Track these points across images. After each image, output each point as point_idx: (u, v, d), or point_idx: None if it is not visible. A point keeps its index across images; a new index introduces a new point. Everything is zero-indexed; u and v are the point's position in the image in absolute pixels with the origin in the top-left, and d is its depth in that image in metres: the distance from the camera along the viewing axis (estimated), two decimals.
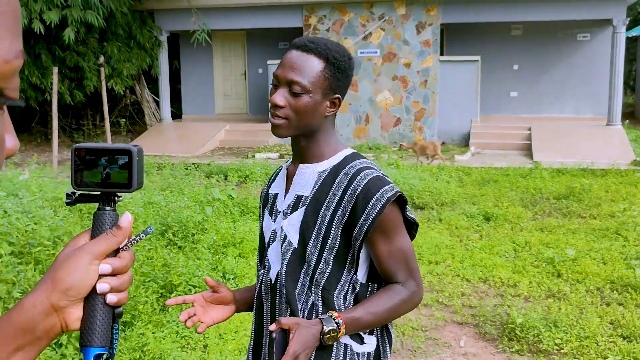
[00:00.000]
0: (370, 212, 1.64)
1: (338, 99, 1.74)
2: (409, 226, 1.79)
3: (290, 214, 1.77)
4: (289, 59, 1.69)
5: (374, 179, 1.67)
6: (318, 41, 1.72)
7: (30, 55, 13.75)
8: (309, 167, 1.78)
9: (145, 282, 4.64)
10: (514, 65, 15.63)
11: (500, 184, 9.60)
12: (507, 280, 5.51)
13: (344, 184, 1.69)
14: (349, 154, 1.79)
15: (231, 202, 7.60)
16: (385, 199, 1.64)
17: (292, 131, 1.71)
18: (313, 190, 1.75)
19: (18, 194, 6.48)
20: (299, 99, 1.67)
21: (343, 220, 1.68)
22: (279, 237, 1.79)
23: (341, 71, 1.71)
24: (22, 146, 15.24)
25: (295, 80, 1.66)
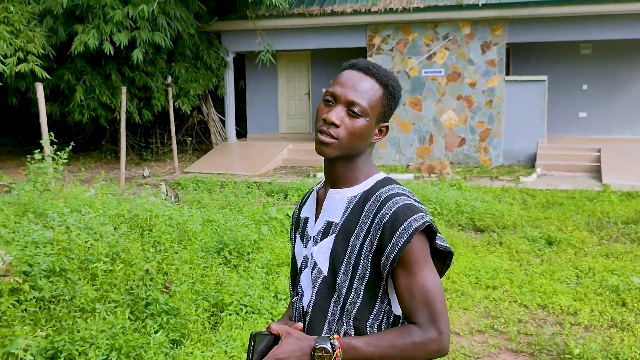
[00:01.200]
0: (397, 241, 1.57)
1: (386, 127, 1.73)
2: (443, 256, 1.72)
3: (321, 241, 1.72)
4: (350, 78, 1.66)
5: (403, 207, 1.60)
6: (379, 67, 1.70)
7: (100, 75, 14.26)
8: (339, 192, 1.73)
9: (196, 300, 4.68)
10: (583, 85, 15.18)
11: (566, 207, 9.29)
12: (567, 308, 5.30)
13: (373, 211, 1.63)
14: (380, 179, 1.73)
15: (288, 222, 7.62)
16: (412, 229, 1.57)
17: (339, 152, 1.65)
18: (343, 217, 1.69)
19: (81, 210, 6.67)
20: (356, 120, 1.64)
21: (372, 250, 1.62)
22: (309, 263, 1.75)
23: (394, 100, 1.70)
24: (92, 163, 15.78)
25: (356, 102, 1.63)
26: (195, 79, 15.21)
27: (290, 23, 15.03)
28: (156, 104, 14.67)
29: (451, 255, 1.72)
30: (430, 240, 1.65)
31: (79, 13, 12.98)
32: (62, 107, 14.75)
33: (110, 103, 14.31)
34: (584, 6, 12.91)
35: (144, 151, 16.69)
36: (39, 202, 7.05)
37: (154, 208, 7.11)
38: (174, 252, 5.72)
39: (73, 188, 8.30)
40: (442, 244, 1.67)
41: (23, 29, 12.61)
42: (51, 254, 5.03)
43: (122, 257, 5.38)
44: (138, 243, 6.06)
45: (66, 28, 13.22)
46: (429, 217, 1.62)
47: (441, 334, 1.57)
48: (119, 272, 5.02)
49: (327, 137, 1.64)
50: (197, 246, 6.03)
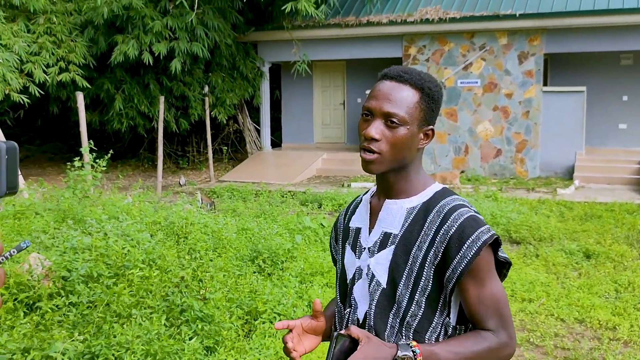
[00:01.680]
0: (465, 254, 1.55)
1: (432, 130, 1.69)
2: (501, 266, 1.70)
3: (378, 252, 1.69)
4: (384, 90, 1.63)
5: (469, 219, 1.59)
6: (411, 71, 1.66)
7: (139, 85, 14.50)
8: (396, 202, 1.69)
9: (230, 308, 4.71)
10: (624, 96, 14.91)
11: (604, 220, 9.12)
12: (606, 323, 5.20)
13: (436, 223, 1.61)
14: (439, 190, 1.70)
15: (322, 231, 7.63)
16: (481, 242, 1.56)
17: (385, 166, 1.64)
18: (403, 229, 1.66)
19: (118, 217, 6.77)
20: (396, 131, 1.61)
21: (435, 262, 1.60)
22: (365, 275, 1.71)
23: (435, 101, 1.66)
24: (129, 171, 16.02)
25: (393, 112, 1.60)
26: (231, 88, 15.36)
27: (326, 33, 15.09)
28: (193, 114, 14.86)
29: (509, 265, 1.72)
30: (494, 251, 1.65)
31: (119, 24, 13.23)
32: (102, 116, 15.03)
33: (148, 112, 14.53)
34: (624, 16, 12.72)
35: (180, 160, 16.89)
36: (78, 208, 7.18)
37: (189, 216, 7.19)
38: (208, 259, 5.77)
39: (111, 195, 8.44)
40: (502, 255, 1.67)
41: (65, 39, 12.90)
42: (89, 260, 5.12)
43: (158, 264, 5.45)
44: (174, 250, 6.13)
45: (106, 38, 13.48)
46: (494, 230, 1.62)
47: (511, 338, 1.63)
48: (154, 279, 5.08)
49: (369, 153, 1.62)
50: (232, 254, 6.07)
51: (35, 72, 12.25)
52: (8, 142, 0.79)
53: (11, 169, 0.77)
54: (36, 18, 12.87)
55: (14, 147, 0.78)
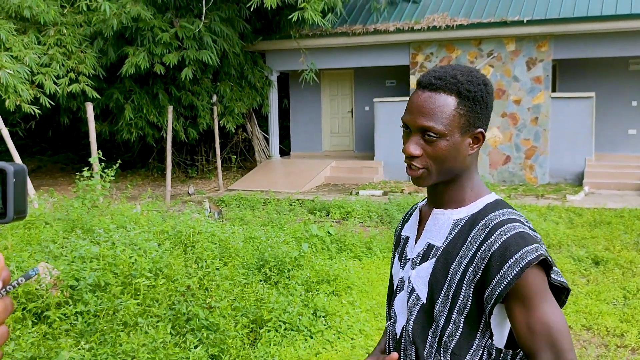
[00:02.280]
0: (505, 274, 1.40)
1: (481, 133, 1.54)
2: (558, 291, 1.53)
3: (420, 264, 1.59)
4: (417, 102, 1.51)
5: (516, 235, 1.42)
6: (445, 74, 1.52)
7: (148, 95, 14.60)
8: (444, 212, 1.59)
9: (235, 316, 4.72)
10: (633, 102, 14.85)
11: (614, 226, 9.08)
12: (614, 330, 5.18)
13: (480, 238, 1.47)
14: (491, 202, 1.56)
15: (329, 239, 7.64)
16: (525, 262, 1.39)
17: (434, 179, 1.53)
18: (446, 241, 1.55)
19: (126, 226, 6.81)
20: (435, 145, 1.49)
21: (475, 279, 1.46)
22: (406, 287, 1.62)
23: (478, 102, 1.51)
24: (139, 180, 16.10)
25: (428, 126, 1.49)
26: (239, 97, 15.43)
27: (334, 42, 15.14)
28: (201, 123, 14.93)
29: (567, 291, 1.54)
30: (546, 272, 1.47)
31: (128, 35, 13.34)
32: (111, 126, 15.13)
33: (157, 122, 14.62)
34: (632, 21, 12.68)
35: (189, 169, 16.96)
36: (87, 218, 7.23)
37: (196, 225, 7.22)
38: (215, 268, 5.79)
39: (120, 205, 8.49)
40: (557, 279, 1.48)
41: (75, 51, 13.02)
42: (97, 269, 5.16)
43: (165, 273, 5.48)
44: (181, 259, 6.16)
45: (116, 49, 13.59)
46: (544, 249, 1.43)
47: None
48: (161, 288, 5.11)
49: (413, 170, 1.53)
50: (238, 263, 6.09)
51: (46, 83, 12.36)
52: (16, 164, 0.74)
53: (19, 193, 0.74)
54: (46, 30, 13.00)
55: (22, 170, 0.73)
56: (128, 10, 12.61)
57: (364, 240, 7.86)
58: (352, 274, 6.36)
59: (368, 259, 7.34)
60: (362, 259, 7.34)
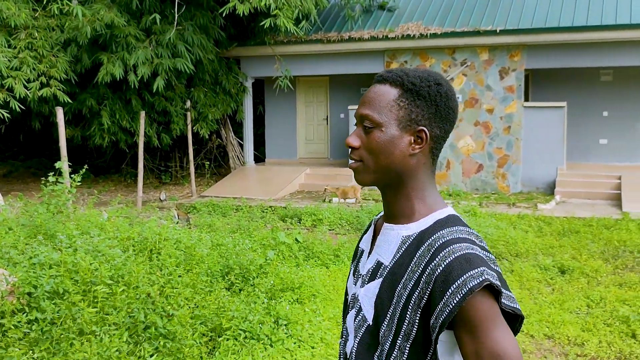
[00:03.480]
0: (448, 301, 1.28)
1: (423, 131, 1.42)
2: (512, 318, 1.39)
3: (368, 283, 1.49)
4: (365, 94, 1.47)
5: (460, 258, 1.30)
6: (398, 70, 1.46)
7: (121, 100, 14.48)
8: (394, 228, 1.48)
9: (194, 325, 4.66)
10: (604, 112, 15.01)
11: (582, 235, 9.14)
12: (575, 339, 5.19)
13: (425, 259, 1.36)
14: (441, 218, 1.43)
15: (297, 246, 7.60)
16: (467, 288, 1.26)
17: (371, 175, 1.45)
18: (393, 260, 1.44)
19: (90, 232, 6.71)
20: (371, 135, 1.42)
21: (421, 305, 1.34)
22: (356, 305, 1.52)
23: (423, 97, 1.42)
24: (112, 186, 15.95)
25: (365, 114, 1.43)
26: (214, 103, 15.35)
27: (309, 49, 15.14)
28: (175, 128, 14.83)
29: (521, 319, 1.40)
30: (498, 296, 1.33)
31: (102, 42, 13.22)
32: (84, 131, 14.97)
33: (130, 127, 14.50)
34: (604, 32, 12.84)
35: (163, 175, 16.83)
36: (51, 224, 7.12)
37: (163, 231, 7.14)
38: (177, 275, 5.72)
39: (86, 211, 8.38)
40: (509, 305, 1.34)
41: (47, 55, 12.87)
42: (55, 276, 5.07)
43: (126, 280, 5.40)
44: (146, 266, 6.08)
45: (90, 55, 13.46)
46: (492, 273, 1.30)
47: None
48: (120, 295, 5.03)
49: (351, 162, 1.47)
50: (202, 270, 6.02)
51: (16, 87, 12.20)
52: None
53: None
54: (17, 33, 12.84)
55: None
56: (102, 17, 12.50)
57: (333, 247, 7.83)
58: (317, 281, 6.32)
59: (335, 267, 7.30)
60: (330, 267, 7.30)
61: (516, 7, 14.16)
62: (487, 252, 1.39)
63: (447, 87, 1.45)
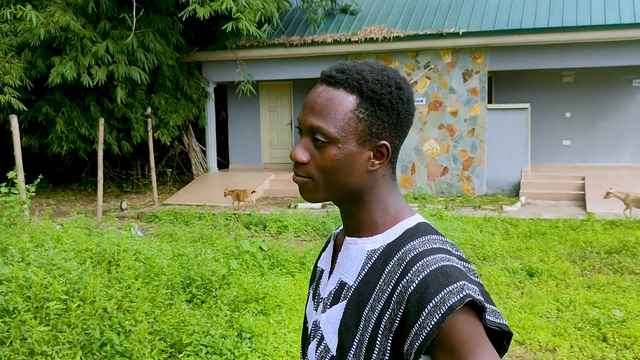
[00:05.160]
0: (424, 323, 1.10)
1: (384, 146, 1.24)
2: (500, 335, 1.21)
3: (330, 307, 1.30)
4: (311, 97, 1.24)
5: (436, 272, 1.13)
6: (350, 68, 1.24)
7: (79, 107, 14.10)
8: (357, 242, 1.29)
9: (152, 341, 4.43)
10: (566, 113, 15.13)
11: (549, 237, 9.11)
12: (546, 344, 5.09)
13: (396, 275, 1.18)
14: (411, 227, 1.26)
15: (261, 255, 7.40)
16: (446, 307, 1.09)
17: (323, 194, 1.25)
18: (358, 278, 1.26)
19: (44, 245, 6.42)
20: (324, 151, 1.21)
21: (392, 329, 1.16)
22: (317, 334, 1.33)
23: (384, 107, 1.22)
24: (71, 195, 15.52)
25: (317, 126, 1.21)
26: (175, 109, 15.05)
27: (271, 53, 14.95)
28: (135, 135, 14.49)
29: (509, 336, 1.21)
30: (481, 313, 1.15)
31: (57, 45, 12.84)
32: (41, 140, 14.54)
33: (89, 135, 14.11)
34: (566, 34, 12.91)
35: (124, 183, 16.45)
36: (3, 237, 6.80)
37: (122, 242, 6.88)
38: (136, 288, 5.48)
39: (41, 222, 8.06)
40: (494, 321, 1.16)
41: (0, 61, 12.45)
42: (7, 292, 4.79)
43: (82, 295, 5.14)
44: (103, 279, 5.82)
45: (44, 60, 13.06)
46: (474, 287, 1.13)
47: None
48: (76, 311, 4.78)
49: (298, 178, 1.26)
50: (162, 282, 5.79)
51: None
52: None
53: None
54: None
55: None
56: (56, 20, 12.14)
57: (298, 255, 7.64)
58: (282, 291, 6.12)
59: (301, 275, 7.11)
60: (295, 275, 7.11)
61: (478, 9, 14.18)
62: (465, 262, 1.21)
63: (408, 91, 1.26)
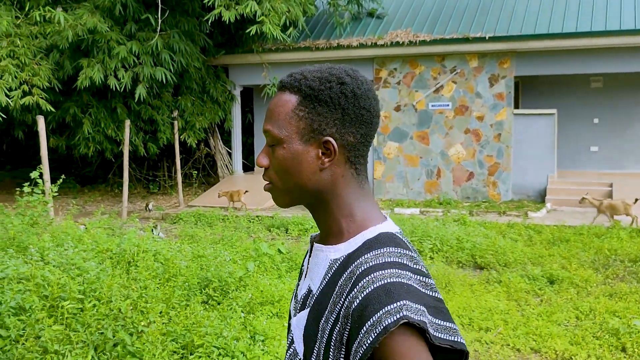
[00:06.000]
0: (361, 341, 1.09)
1: (329, 142, 1.23)
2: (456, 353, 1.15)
3: (299, 312, 1.31)
4: (268, 105, 1.29)
5: (379, 289, 1.10)
6: (299, 72, 1.27)
7: (106, 109, 14.26)
8: (323, 249, 1.29)
9: (164, 341, 4.45)
10: (594, 119, 14.90)
11: (572, 244, 8.96)
12: (563, 353, 5.00)
13: (346, 289, 1.17)
14: (371, 237, 1.22)
15: (279, 257, 7.40)
16: (381, 327, 1.06)
17: (285, 197, 1.28)
18: (320, 287, 1.26)
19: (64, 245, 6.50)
20: (275, 153, 1.25)
21: (344, 341, 1.16)
22: (289, 335, 1.35)
23: (324, 103, 1.22)
24: (97, 196, 15.71)
25: (266, 129, 1.26)
26: (201, 112, 15.15)
27: (296, 57, 14.98)
28: (162, 137, 14.62)
29: (465, 354, 1.16)
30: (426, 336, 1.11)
31: (84, 47, 13.02)
32: (68, 141, 14.74)
33: (116, 136, 14.27)
34: (594, 39, 12.72)
35: (150, 184, 16.60)
36: (25, 236, 6.90)
37: (142, 243, 6.94)
38: (152, 289, 5.51)
39: (64, 222, 8.16)
40: (445, 339, 1.11)
41: (29, 62, 12.66)
42: (22, 291, 4.85)
43: (98, 295, 5.19)
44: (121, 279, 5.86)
45: (72, 62, 13.24)
46: (416, 307, 1.09)
47: None
48: (90, 311, 4.82)
49: (265, 184, 1.31)
50: (179, 283, 5.81)
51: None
52: None
53: None
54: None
55: None
56: (84, 22, 12.31)
57: None
58: None
59: None
60: None
61: (505, 13, 14.05)
62: (422, 277, 1.17)
63: (353, 86, 1.24)
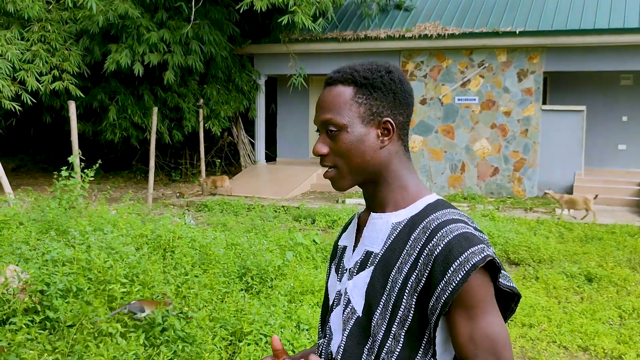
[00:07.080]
0: (450, 280, 1.27)
1: (388, 122, 1.43)
2: (509, 298, 1.43)
3: (357, 274, 1.45)
4: (319, 100, 1.47)
5: (460, 237, 1.30)
6: (345, 68, 1.48)
7: (133, 96, 14.29)
8: (382, 216, 1.45)
9: (213, 328, 4.44)
10: (623, 117, 14.75)
11: (606, 242, 8.88)
12: (611, 352, 4.95)
13: (421, 241, 1.34)
14: (431, 202, 1.44)
15: (314, 248, 7.38)
16: (470, 264, 1.27)
17: (350, 179, 1.45)
18: (384, 247, 1.41)
19: (103, 229, 6.52)
20: (338, 139, 1.42)
21: (418, 288, 1.32)
22: (343, 300, 1.47)
23: (378, 89, 1.43)
24: (121, 182, 15.76)
25: (327, 119, 1.43)
26: (226, 101, 15.15)
27: (323, 47, 14.92)
28: (187, 125, 14.65)
29: (518, 297, 1.42)
30: (493, 277, 1.35)
31: (114, 32, 13.03)
32: (95, 126, 14.81)
33: (142, 123, 14.31)
34: (625, 35, 12.58)
35: (173, 172, 16.64)
36: (63, 219, 6.92)
37: (177, 229, 6.95)
38: (194, 275, 5.51)
39: (98, 207, 8.19)
40: (506, 284, 1.36)
41: (59, 48, 12.70)
42: (69, 274, 4.86)
43: (141, 279, 5.20)
44: (159, 265, 5.88)
45: (101, 47, 13.27)
46: (491, 250, 1.32)
47: None
48: (136, 295, 4.83)
49: (326, 172, 1.47)
50: (219, 270, 5.82)
51: (28, 80, 12.04)
52: None
53: None
54: (31, 26, 12.68)
55: None
56: (115, 7, 12.32)
57: None
58: None
59: None
60: None
61: (536, 8, 13.92)
62: (481, 233, 1.39)
63: (397, 73, 1.48)
